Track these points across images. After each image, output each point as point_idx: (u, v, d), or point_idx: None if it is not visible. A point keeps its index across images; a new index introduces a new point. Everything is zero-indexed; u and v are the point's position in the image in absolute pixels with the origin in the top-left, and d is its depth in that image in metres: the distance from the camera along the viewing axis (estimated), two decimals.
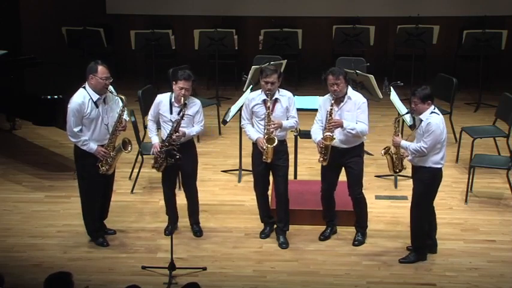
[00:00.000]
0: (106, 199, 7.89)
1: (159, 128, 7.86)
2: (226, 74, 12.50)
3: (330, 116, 7.49)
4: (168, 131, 7.64)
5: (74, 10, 13.12)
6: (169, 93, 7.72)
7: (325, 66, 12.44)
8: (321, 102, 7.72)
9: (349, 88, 7.57)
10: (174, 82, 7.60)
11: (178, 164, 7.50)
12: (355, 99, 7.53)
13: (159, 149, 7.64)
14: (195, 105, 7.72)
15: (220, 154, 10.13)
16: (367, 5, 13.06)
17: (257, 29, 12.57)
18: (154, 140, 7.78)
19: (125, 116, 7.62)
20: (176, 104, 7.61)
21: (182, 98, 7.51)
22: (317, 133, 7.62)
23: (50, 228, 8.22)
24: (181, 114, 7.54)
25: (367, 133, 7.63)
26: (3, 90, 9.65)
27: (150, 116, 7.85)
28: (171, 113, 7.64)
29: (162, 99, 7.72)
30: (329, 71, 7.54)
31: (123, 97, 7.52)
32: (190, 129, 7.69)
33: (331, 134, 7.49)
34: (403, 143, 7.39)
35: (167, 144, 7.55)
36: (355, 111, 7.51)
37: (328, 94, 7.59)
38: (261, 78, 7.61)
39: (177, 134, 7.57)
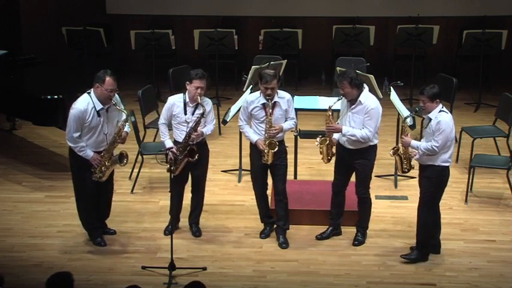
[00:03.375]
0: (106, 199, 7.87)
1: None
2: (226, 74, 12.50)
3: (329, 119, 7.55)
4: (180, 132, 7.66)
5: (74, 10, 13.12)
6: (180, 95, 7.70)
7: (325, 66, 12.57)
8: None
9: (364, 92, 7.50)
10: (188, 82, 7.56)
11: (195, 160, 7.52)
12: (366, 104, 7.47)
13: (176, 152, 7.62)
14: (208, 104, 7.72)
15: (220, 154, 10.12)
16: (367, 5, 13.04)
17: (257, 29, 12.57)
18: (168, 143, 7.71)
19: (126, 128, 7.59)
20: (191, 104, 7.62)
21: (198, 97, 7.51)
22: None
23: (50, 228, 8.22)
24: (202, 111, 7.53)
25: (372, 140, 7.54)
26: (3, 90, 9.65)
27: (162, 119, 7.78)
28: (185, 113, 7.64)
29: (175, 102, 7.68)
30: (338, 74, 7.52)
31: (126, 111, 7.45)
32: (206, 128, 7.70)
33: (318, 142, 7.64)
34: (413, 142, 7.35)
35: (184, 144, 7.56)
36: (362, 116, 7.48)
37: None
38: (261, 84, 7.58)
39: (196, 133, 7.59)
